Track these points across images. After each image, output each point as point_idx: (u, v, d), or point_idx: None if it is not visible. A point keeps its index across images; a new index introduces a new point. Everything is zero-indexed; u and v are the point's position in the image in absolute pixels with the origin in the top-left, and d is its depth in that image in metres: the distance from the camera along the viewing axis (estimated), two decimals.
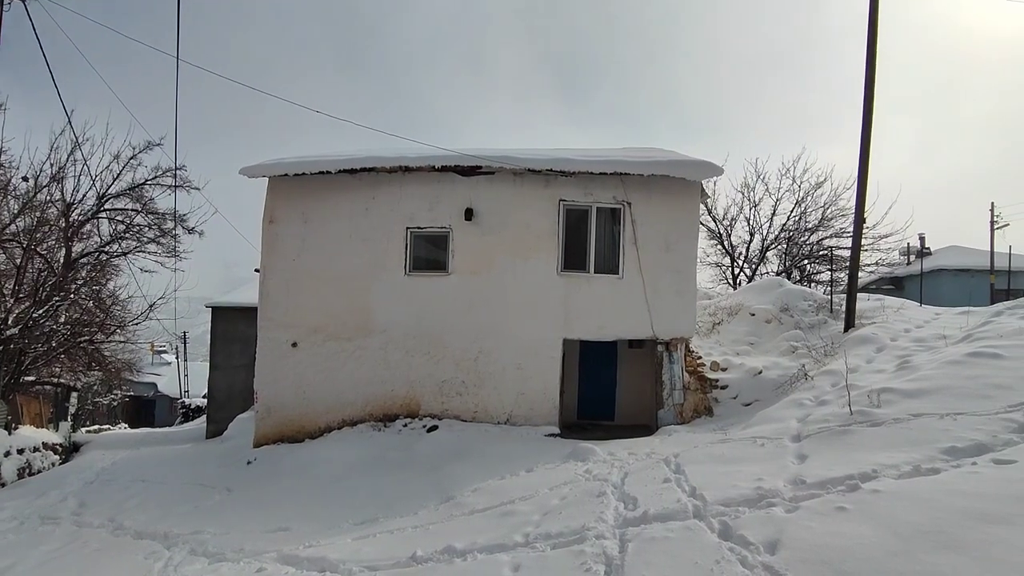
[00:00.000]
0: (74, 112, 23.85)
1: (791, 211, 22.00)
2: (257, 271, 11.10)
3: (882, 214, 31.99)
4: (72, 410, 15.40)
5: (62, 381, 16.34)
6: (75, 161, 16.08)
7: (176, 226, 17.45)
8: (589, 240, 10.07)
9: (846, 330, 10.57)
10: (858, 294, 11.29)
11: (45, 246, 15.57)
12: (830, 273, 19.49)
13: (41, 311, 13.47)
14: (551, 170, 9.83)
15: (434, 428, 9.54)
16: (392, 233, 10.28)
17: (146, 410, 33.60)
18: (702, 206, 13.04)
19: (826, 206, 21.25)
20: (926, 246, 26.21)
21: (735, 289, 19.71)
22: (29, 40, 26.21)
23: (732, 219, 22.86)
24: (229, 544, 6.01)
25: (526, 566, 4.19)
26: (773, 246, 22.61)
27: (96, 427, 19.74)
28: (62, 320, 15.50)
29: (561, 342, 9.97)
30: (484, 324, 10.03)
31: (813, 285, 20.83)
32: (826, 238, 21.50)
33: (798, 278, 21.57)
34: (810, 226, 21.76)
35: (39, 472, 11.22)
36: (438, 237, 10.30)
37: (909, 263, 24.48)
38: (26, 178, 15.36)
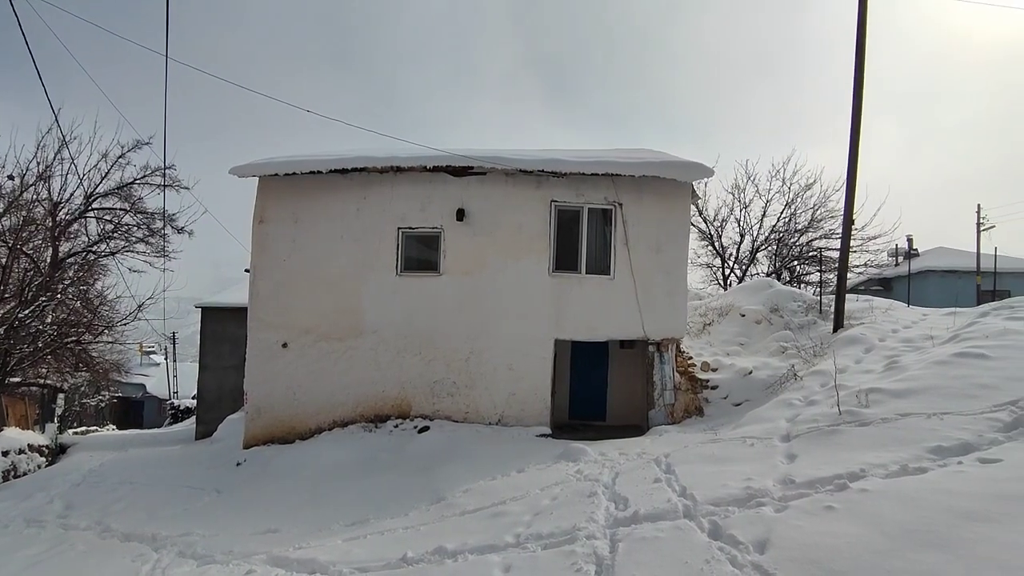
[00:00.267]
0: (61, 110, 23.52)
1: (781, 212, 22.22)
2: (247, 271, 11.03)
3: (871, 216, 32.30)
4: (59, 411, 15.22)
5: (48, 382, 16.11)
6: (62, 160, 15.98)
7: (165, 226, 17.36)
8: (580, 241, 10.09)
9: (835, 331, 10.64)
10: (847, 295, 11.38)
11: (31, 245, 15.41)
12: (819, 274, 19.64)
13: (27, 311, 13.31)
14: (543, 171, 9.84)
15: (425, 429, 9.52)
16: (383, 233, 10.25)
17: (134, 411, 33.25)
18: (693, 207, 13.10)
19: (815, 207, 21.48)
20: (914, 247, 26.45)
21: (725, 290, 19.82)
22: (15, 37, 25.91)
23: (723, 220, 23.03)
24: (218, 546, 5.96)
25: (517, 567, 4.19)
26: (763, 247, 22.78)
27: (83, 429, 19.51)
28: (49, 320, 15.32)
29: (552, 342, 9.99)
30: (476, 324, 10.03)
31: (803, 286, 20.98)
32: (815, 239, 21.70)
33: (788, 279, 21.72)
34: (800, 227, 21.96)
35: (25, 474, 11.09)
36: (430, 237, 10.29)
37: (897, 264, 24.69)
38: (12, 176, 15.21)
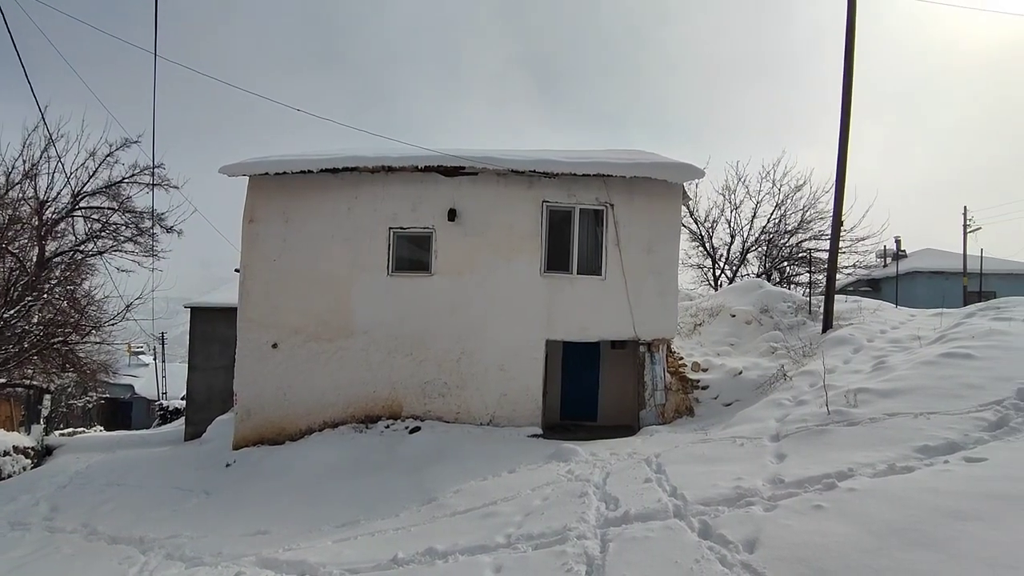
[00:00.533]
0: (48, 108, 23.37)
1: (771, 214, 22.33)
2: (237, 271, 10.96)
3: (860, 217, 32.59)
4: (45, 413, 15.04)
5: (34, 383, 15.93)
6: (49, 158, 15.80)
7: (154, 225, 17.20)
8: (572, 241, 10.10)
9: (824, 331, 10.72)
10: (836, 296, 11.47)
11: (17, 244, 15.22)
12: (809, 275, 19.79)
13: (12, 311, 13.15)
14: (534, 171, 9.85)
15: (416, 429, 9.50)
16: (375, 233, 10.22)
17: (123, 412, 32.89)
18: (684, 208, 13.15)
19: (805, 209, 21.61)
20: (902, 249, 26.68)
21: (716, 290, 19.91)
22: (1, 34, 25.62)
23: (713, 221, 23.13)
24: (207, 548, 5.92)
25: (508, 567, 4.19)
26: (754, 248, 22.90)
27: (70, 430, 19.27)
28: (35, 320, 15.14)
29: (544, 343, 9.99)
30: (467, 325, 10.01)
31: (792, 287, 21.11)
32: (805, 240, 21.83)
33: (778, 280, 21.86)
34: (790, 229, 22.08)
35: (9, 476, 10.94)
36: (421, 237, 10.26)
37: (886, 265, 24.90)
38: None
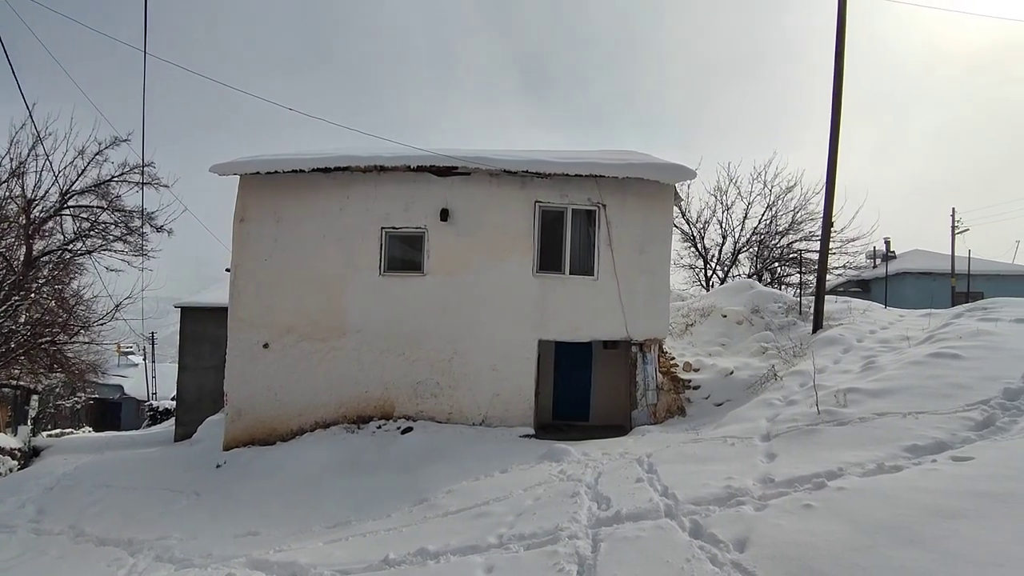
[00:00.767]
0: (35, 106, 23.03)
1: (762, 215, 22.46)
2: (228, 271, 10.89)
3: (849, 218, 32.93)
4: (32, 414, 14.88)
5: (22, 383, 15.73)
6: (36, 156, 15.63)
7: (144, 224, 17.05)
8: (564, 241, 10.11)
9: (814, 331, 10.80)
10: (826, 296, 11.55)
11: (4, 243, 15.05)
12: (799, 276, 19.91)
13: None
14: (527, 171, 9.85)
15: (408, 429, 9.47)
16: (367, 233, 10.18)
17: (112, 413, 32.60)
18: (676, 209, 13.19)
19: (796, 210, 21.74)
20: (891, 250, 26.89)
21: (708, 291, 19.99)
22: None
23: (705, 222, 23.23)
24: (196, 549, 5.88)
25: (499, 567, 4.19)
26: (745, 249, 23.01)
27: (58, 431, 19.09)
28: (22, 320, 14.99)
29: (536, 343, 10.00)
30: (459, 325, 10.00)
31: (783, 287, 21.23)
32: (796, 241, 21.97)
33: (769, 280, 21.98)
34: (780, 229, 22.21)
35: None
36: (413, 237, 10.24)
37: (875, 266, 25.10)
38: None
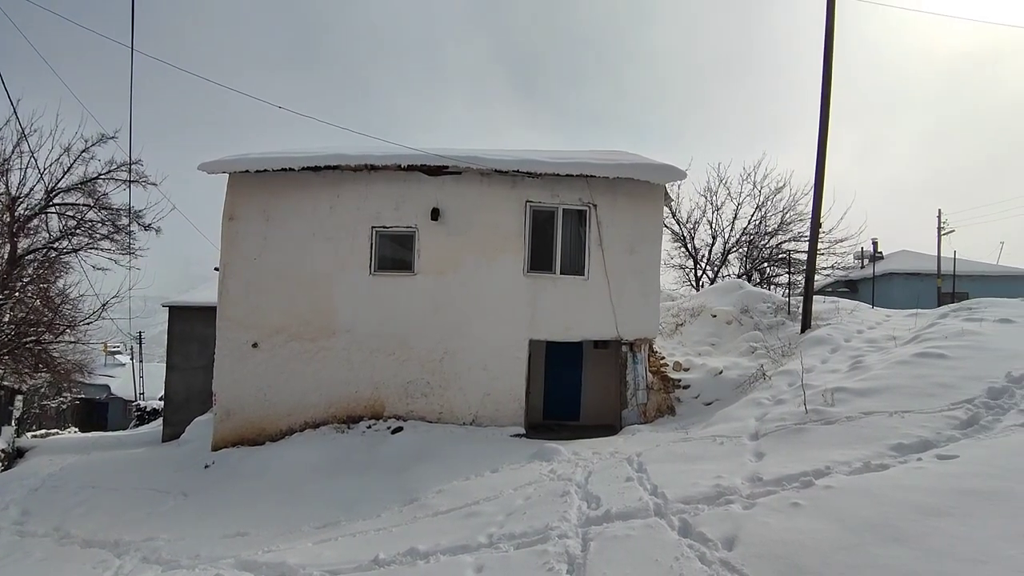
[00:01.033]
0: (20, 102, 22.83)
1: (752, 215, 22.60)
2: (217, 269, 10.80)
3: (838, 219, 33.19)
4: (17, 414, 14.67)
5: (6, 383, 15.52)
6: (21, 153, 15.38)
7: (131, 222, 16.83)
8: (555, 241, 10.13)
9: (803, 331, 10.89)
10: (814, 296, 11.65)
11: None
12: (788, 276, 20.05)
13: None
14: (518, 171, 9.85)
15: (399, 429, 9.45)
16: (357, 232, 10.14)
17: (98, 413, 32.24)
18: (666, 209, 13.25)
19: (785, 211, 21.91)
20: (879, 251, 27.16)
21: (698, 291, 20.10)
22: None
23: (695, 222, 23.33)
24: (184, 550, 5.83)
25: (489, 567, 4.19)
26: (734, 249, 23.15)
27: (43, 432, 18.86)
28: (6, 319, 14.79)
29: (527, 343, 10.00)
30: (450, 324, 9.99)
31: (772, 287, 21.39)
32: (785, 242, 22.13)
33: (758, 280, 22.13)
34: (770, 230, 22.37)
35: None
36: (404, 237, 10.21)
37: (863, 267, 25.34)
38: None
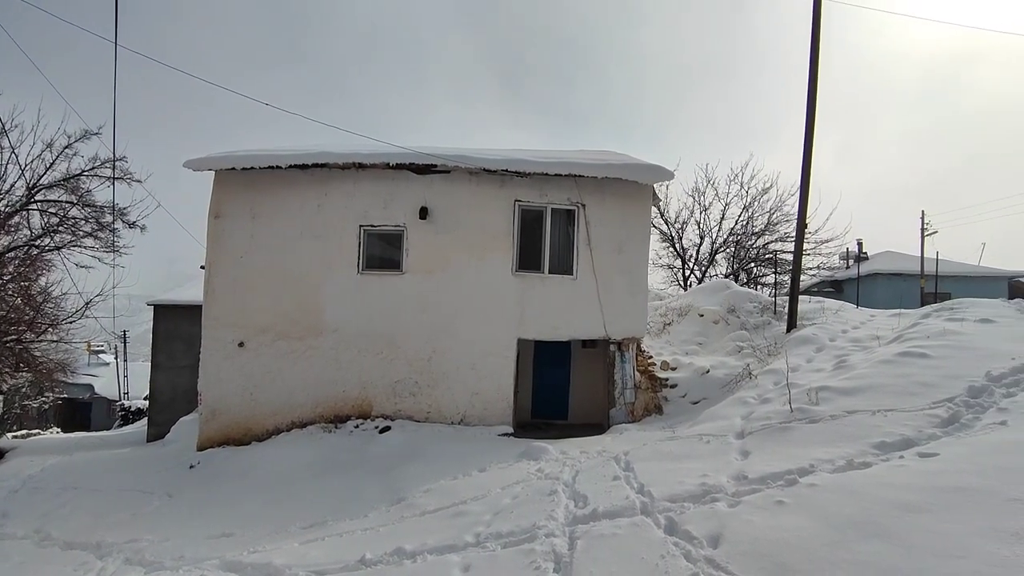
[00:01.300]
0: (0, 96, 22.55)
1: (739, 216, 22.78)
2: (202, 268, 10.70)
3: (823, 220, 33.59)
4: None
5: None
6: (1, 148, 15.10)
7: (115, 220, 16.57)
8: (544, 241, 10.14)
9: (788, 331, 10.99)
10: (800, 296, 11.77)
11: None
12: (774, 276, 20.23)
13: None
14: (507, 170, 9.85)
15: (387, 429, 9.42)
16: (345, 231, 10.09)
17: (82, 413, 31.82)
18: (654, 209, 13.31)
19: (772, 211, 22.10)
20: (863, 251, 27.48)
21: (685, 291, 20.22)
22: None
23: (683, 222, 23.46)
24: (168, 552, 5.76)
25: (476, 566, 4.19)
26: (722, 249, 23.32)
27: (24, 432, 18.59)
28: None
29: (515, 342, 10.01)
30: (438, 324, 9.97)
31: (759, 287, 21.57)
32: (771, 242, 22.32)
33: (745, 280, 22.31)
34: (757, 230, 22.56)
35: None
36: (392, 235, 10.17)
37: (848, 267, 25.64)
38: None
